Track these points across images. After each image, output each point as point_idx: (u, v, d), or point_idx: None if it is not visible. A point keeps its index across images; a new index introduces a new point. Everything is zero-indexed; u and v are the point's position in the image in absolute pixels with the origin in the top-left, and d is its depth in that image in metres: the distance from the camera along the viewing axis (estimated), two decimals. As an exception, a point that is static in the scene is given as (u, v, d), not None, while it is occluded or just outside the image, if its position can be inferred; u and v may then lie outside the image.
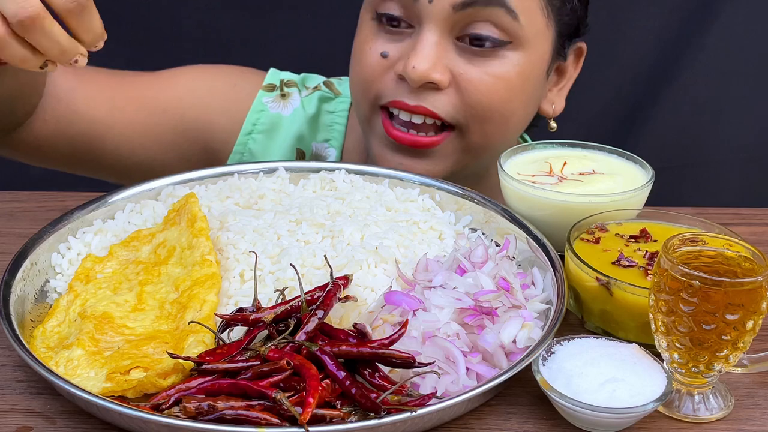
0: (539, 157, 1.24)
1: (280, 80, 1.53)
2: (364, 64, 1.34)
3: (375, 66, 1.32)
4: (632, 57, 2.14)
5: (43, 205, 1.31)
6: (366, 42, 1.33)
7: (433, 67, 1.26)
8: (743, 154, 2.21)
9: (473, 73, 1.28)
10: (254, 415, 0.83)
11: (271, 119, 1.50)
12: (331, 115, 1.53)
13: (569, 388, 0.89)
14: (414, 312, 0.96)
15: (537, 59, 1.32)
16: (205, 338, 0.94)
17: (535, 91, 1.35)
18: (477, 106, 1.29)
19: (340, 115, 1.53)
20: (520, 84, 1.31)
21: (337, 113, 1.53)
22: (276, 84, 1.52)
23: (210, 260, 1.02)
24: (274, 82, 1.52)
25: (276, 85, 1.52)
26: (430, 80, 1.26)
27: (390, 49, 1.31)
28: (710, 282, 0.87)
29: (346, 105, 1.52)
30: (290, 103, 1.52)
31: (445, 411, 0.87)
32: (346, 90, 1.52)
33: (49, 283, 1.07)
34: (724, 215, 1.32)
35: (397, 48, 1.30)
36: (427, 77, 1.26)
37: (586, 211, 1.11)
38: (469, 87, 1.28)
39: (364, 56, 1.33)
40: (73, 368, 0.92)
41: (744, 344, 0.90)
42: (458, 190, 1.21)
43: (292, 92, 1.52)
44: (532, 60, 1.31)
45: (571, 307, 1.07)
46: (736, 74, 2.14)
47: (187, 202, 1.11)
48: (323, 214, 1.12)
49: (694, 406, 0.93)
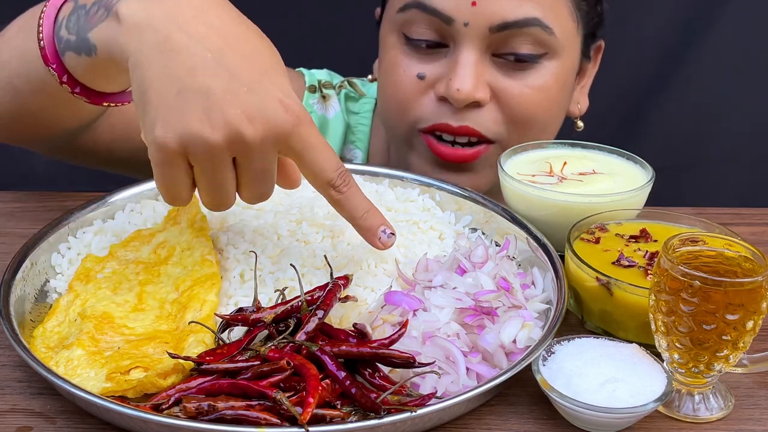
0: (539, 157, 1.24)
1: (318, 81, 1.51)
2: (399, 86, 1.31)
3: (412, 88, 1.30)
4: (633, 58, 2.14)
5: (43, 205, 1.30)
6: (398, 64, 1.31)
7: (475, 88, 1.26)
8: (743, 154, 2.21)
9: (513, 87, 1.28)
10: (254, 415, 0.83)
11: (319, 121, 1.50)
12: (356, 116, 1.52)
13: (569, 388, 0.89)
14: (414, 312, 0.96)
15: (570, 65, 1.33)
16: (205, 338, 0.94)
17: (569, 95, 1.37)
18: (519, 119, 1.29)
19: (365, 117, 1.52)
20: (558, 91, 1.32)
21: (362, 114, 1.52)
22: (315, 85, 1.51)
23: (210, 260, 1.02)
24: (314, 83, 1.51)
25: (315, 86, 1.51)
26: (474, 100, 1.26)
27: (426, 70, 1.29)
28: (710, 282, 0.87)
29: (370, 106, 1.51)
30: (331, 105, 1.50)
31: (445, 411, 0.87)
32: (369, 91, 1.51)
33: (49, 283, 1.07)
34: (724, 215, 1.32)
35: (434, 69, 1.29)
36: (472, 98, 1.26)
37: (586, 211, 1.11)
38: (511, 101, 1.28)
39: (399, 78, 1.31)
40: (73, 368, 0.92)
41: (744, 344, 0.90)
42: (458, 190, 1.21)
43: (331, 94, 1.51)
44: (566, 66, 1.32)
45: (571, 307, 1.07)
46: (736, 75, 2.14)
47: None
48: (323, 214, 1.12)
49: (694, 406, 0.93)
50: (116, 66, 0.96)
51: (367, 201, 0.98)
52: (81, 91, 1.05)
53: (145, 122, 0.90)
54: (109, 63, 0.97)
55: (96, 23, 0.97)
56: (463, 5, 1.24)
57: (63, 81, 1.04)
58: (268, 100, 0.89)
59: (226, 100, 0.87)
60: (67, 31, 1.01)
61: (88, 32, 0.97)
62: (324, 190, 0.96)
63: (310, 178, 0.95)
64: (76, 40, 1.00)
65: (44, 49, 1.03)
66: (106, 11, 0.96)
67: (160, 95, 0.88)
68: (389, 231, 0.99)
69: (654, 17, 2.12)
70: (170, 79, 0.88)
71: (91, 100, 1.07)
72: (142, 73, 0.90)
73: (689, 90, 2.16)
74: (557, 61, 1.30)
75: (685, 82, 2.15)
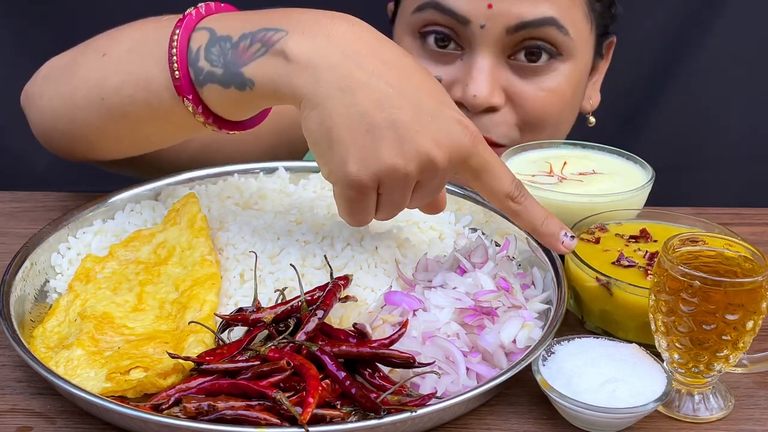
0: (539, 157, 1.24)
1: None
2: None
3: None
4: (632, 57, 2.14)
5: (43, 205, 1.30)
6: None
7: (491, 94, 1.26)
8: (743, 154, 2.20)
9: (528, 90, 1.28)
10: (254, 415, 0.83)
11: None
12: None
13: (569, 388, 0.89)
14: (414, 312, 0.96)
15: (584, 66, 1.33)
16: (205, 338, 0.94)
17: (582, 95, 1.37)
18: (533, 121, 1.30)
19: None
20: (571, 93, 1.32)
21: None
22: None
23: (210, 260, 1.02)
24: None
25: None
26: (490, 105, 1.27)
27: (442, 73, 1.29)
28: (710, 282, 0.87)
29: None
30: None
31: (445, 411, 0.87)
32: None
33: (49, 283, 1.07)
34: (724, 215, 1.32)
35: (449, 72, 1.29)
36: (488, 103, 1.26)
37: (586, 211, 1.11)
38: (525, 104, 1.29)
39: None
40: (73, 368, 0.92)
41: (744, 344, 0.90)
42: (458, 190, 1.21)
43: None
44: (580, 68, 1.32)
45: (571, 307, 1.07)
46: (736, 74, 2.14)
47: (187, 202, 1.11)
48: (323, 214, 1.12)
49: (694, 406, 0.93)
50: (277, 102, 0.98)
51: (543, 208, 1.01)
52: (213, 121, 1.03)
53: (333, 159, 0.92)
54: (265, 98, 0.98)
55: (251, 58, 0.96)
56: (480, 7, 1.24)
57: (198, 112, 1.01)
58: (450, 123, 0.93)
59: (415, 131, 0.91)
60: (209, 63, 0.98)
61: (241, 67, 0.96)
62: (502, 203, 0.99)
63: (488, 193, 0.98)
64: (224, 74, 0.97)
65: (180, 80, 1.00)
66: (264, 47, 0.95)
67: (350, 133, 0.90)
68: (570, 234, 1.02)
69: (654, 17, 2.12)
70: (358, 116, 0.90)
71: (219, 129, 1.04)
72: (324, 113, 0.91)
73: (689, 90, 2.15)
74: (571, 63, 1.30)
75: (685, 83, 2.15)
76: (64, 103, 1.13)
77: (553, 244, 1.01)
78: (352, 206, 0.95)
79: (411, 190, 0.94)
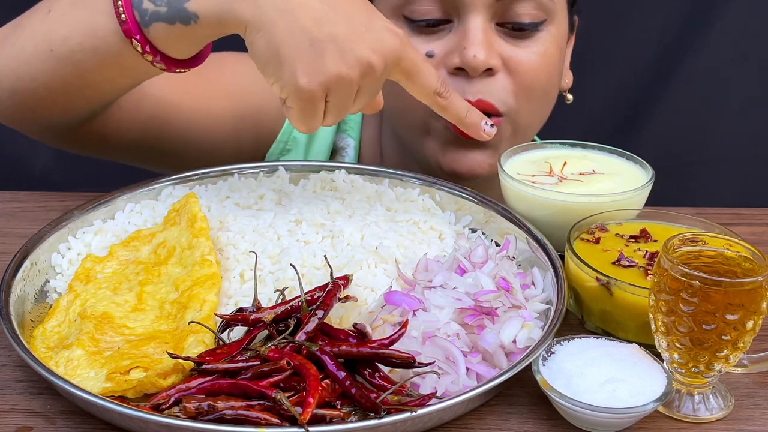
0: (539, 157, 1.24)
1: None
2: None
3: None
4: (632, 57, 2.14)
5: (43, 205, 1.30)
6: None
7: (489, 53, 1.26)
8: (743, 154, 2.21)
9: (521, 55, 1.29)
10: (254, 415, 0.83)
11: None
12: None
13: (569, 388, 0.89)
14: (414, 312, 0.96)
15: (563, 31, 1.35)
16: (205, 338, 0.94)
17: (562, 64, 1.38)
18: (529, 87, 1.29)
19: None
20: (558, 57, 1.33)
21: None
22: None
23: (210, 260, 1.02)
24: None
25: None
26: (490, 66, 1.26)
27: (433, 48, 1.29)
28: (710, 282, 0.87)
29: None
30: None
31: (445, 411, 0.87)
32: None
33: (49, 283, 1.07)
34: (724, 215, 1.32)
35: (441, 45, 1.28)
36: (488, 64, 1.26)
37: (586, 211, 1.11)
38: (520, 69, 1.28)
39: None
40: (73, 368, 0.92)
41: (744, 344, 0.90)
42: (458, 190, 1.21)
43: None
44: (561, 32, 1.33)
45: (571, 307, 1.07)
46: (736, 74, 2.14)
47: (187, 202, 1.11)
48: (323, 214, 1.12)
49: (694, 406, 0.93)
50: (221, 32, 1.04)
51: (466, 102, 1.13)
52: (161, 59, 1.09)
53: (284, 75, 1.00)
54: (210, 30, 1.04)
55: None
56: None
57: (146, 51, 1.07)
58: (381, 32, 1.02)
59: (352, 41, 1.00)
60: (153, 4, 1.05)
61: (184, 3, 1.03)
62: (432, 99, 1.09)
63: (418, 92, 1.09)
64: (168, 11, 1.04)
65: (126, 23, 1.06)
66: None
67: (295, 49, 0.99)
68: (490, 123, 1.14)
69: (654, 17, 2.12)
70: (301, 33, 0.99)
71: (167, 68, 1.11)
72: (269, 34, 0.99)
73: (689, 90, 2.16)
74: (554, 26, 1.30)
75: (685, 82, 2.15)
76: (13, 61, 1.16)
77: (475, 132, 1.13)
78: (304, 115, 1.02)
79: (354, 95, 1.03)
